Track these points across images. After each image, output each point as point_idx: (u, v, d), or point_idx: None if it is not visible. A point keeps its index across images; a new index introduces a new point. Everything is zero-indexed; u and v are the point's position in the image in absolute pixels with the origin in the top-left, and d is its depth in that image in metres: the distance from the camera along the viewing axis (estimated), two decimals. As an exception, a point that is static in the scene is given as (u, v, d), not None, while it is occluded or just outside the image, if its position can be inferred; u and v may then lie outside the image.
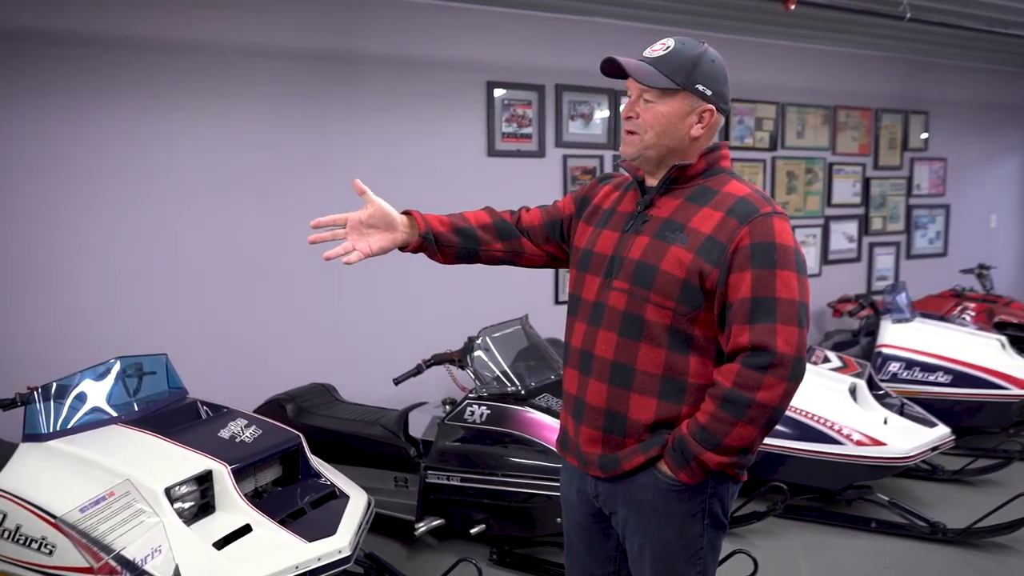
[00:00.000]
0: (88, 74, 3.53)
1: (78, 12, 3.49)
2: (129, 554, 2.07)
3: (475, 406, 3.14)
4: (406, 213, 1.77)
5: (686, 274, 1.55)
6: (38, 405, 2.55)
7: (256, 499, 2.53)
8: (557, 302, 4.80)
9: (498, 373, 3.21)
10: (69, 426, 2.56)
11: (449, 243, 1.80)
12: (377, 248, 1.71)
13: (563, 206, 1.89)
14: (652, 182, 1.68)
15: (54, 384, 2.61)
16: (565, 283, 4.76)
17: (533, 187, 4.55)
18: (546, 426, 3.02)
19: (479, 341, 3.25)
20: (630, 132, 1.65)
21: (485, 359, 3.24)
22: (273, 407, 3.47)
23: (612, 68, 1.63)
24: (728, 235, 1.54)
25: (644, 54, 1.65)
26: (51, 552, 2.23)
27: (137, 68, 3.62)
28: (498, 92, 4.48)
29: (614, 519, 1.71)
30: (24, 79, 3.42)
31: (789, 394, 1.52)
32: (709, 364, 1.60)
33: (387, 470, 3.36)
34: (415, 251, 1.79)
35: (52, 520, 2.23)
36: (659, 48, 1.63)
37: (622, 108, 1.71)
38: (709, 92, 1.61)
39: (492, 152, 4.50)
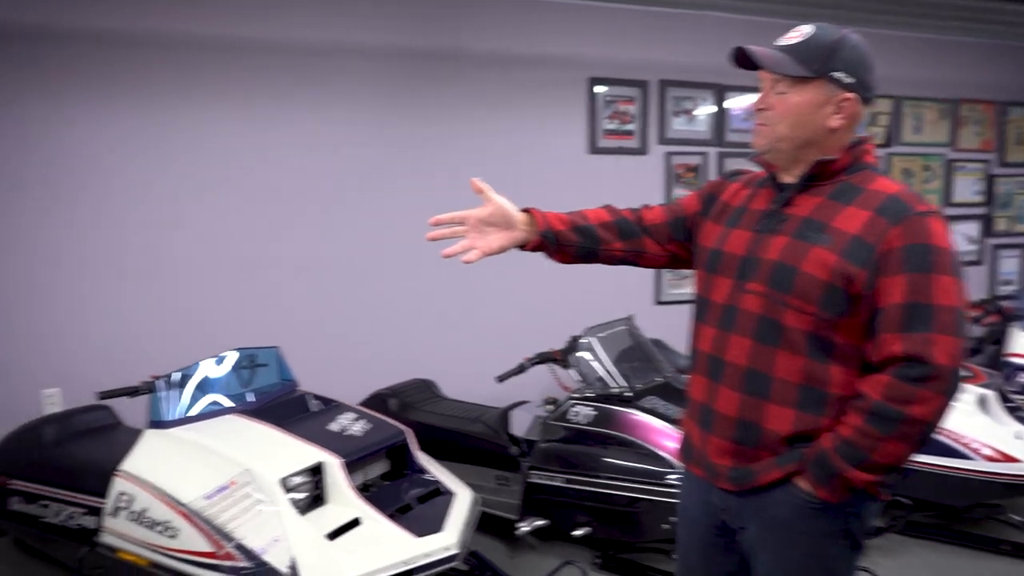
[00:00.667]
0: (201, 75, 3.68)
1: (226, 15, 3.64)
2: (249, 543, 2.12)
3: (579, 406, 3.09)
4: (525, 211, 1.73)
5: (830, 277, 1.45)
6: (161, 393, 2.65)
7: (364, 492, 2.56)
8: (658, 302, 4.69)
9: (603, 373, 3.15)
10: (190, 414, 2.65)
11: (568, 242, 1.74)
12: (496, 246, 1.68)
13: (687, 204, 1.81)
14: (788, 178, 1.59)
15: (176, 374, 2.70)
16: (666, 283, 4.67)
17: (635, 185, 4.46)
18: (653, 429, 2.94)
19: (584, 340, 3.20)
20: (762, 124, 1.57)
21: (590, 359, 3.19)
22: (376, 401, 3.51)
23: (743, 58, 1.55)
24: (877, 236, 1.43)
25: (777, 42, 1.56)
26: (174, 536, 2.30)
27: (249, 68, 3.74)
28: (600, 89, 4.41)
29: (741, 535, 1.62)
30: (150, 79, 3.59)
31: (944, 409, 1.41)
32: (852, 374, 1.49)
33: (488, 468, 3.35)
34: (534, 250, 1.75)
35: (176, 505, 2.30)
36: (794, 36, 1.54)
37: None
38: (850, 80, 1.50)
39: (594, 150, 4.44)
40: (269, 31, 3.75)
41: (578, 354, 3.20)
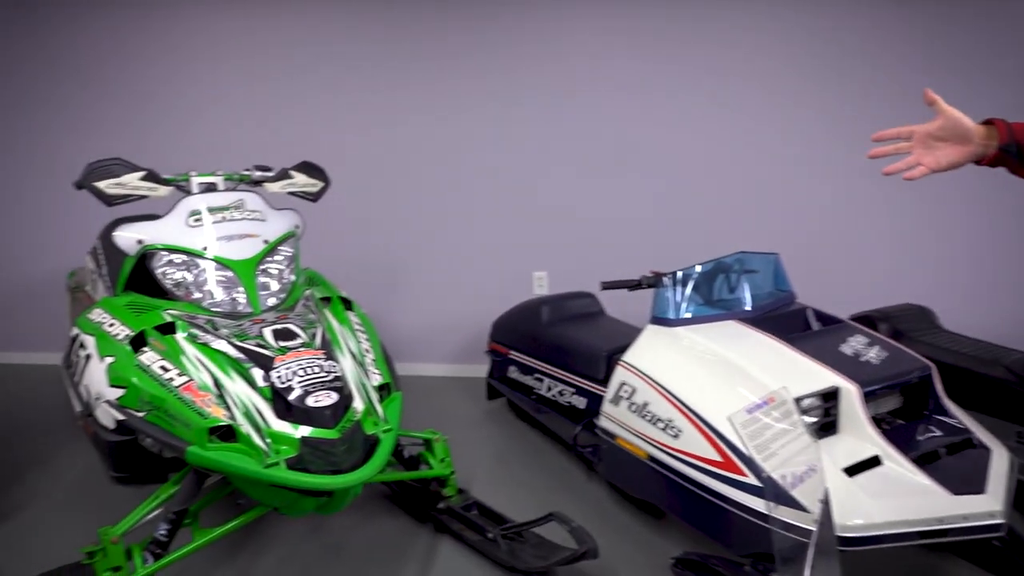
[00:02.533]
0: None
1: None
2: (776, 468, 1.97)
3: None
4: (988, 122, 1.41)
5: None
6: (666, 290, 2.60)
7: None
8: None
9: None
10: (691, 315, 2.58)
11: None
12: (946, 162, 1.44)
13: None
14: None
15: (678, 272, 2.63)
16: None
17: None
18: None
19: None
20: None
21: None
22: (863, 324, 3.13)
23: None
24: None
25: None
26: (676, 435, 2.26)
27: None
28: None
29: None
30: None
31: None
32: None
33: (1008, 422, 2.79)
34: (992, 165, 1.45)
35: (679, 404, 2.25)
36: None
37: None
38: None
39: None
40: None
41: None
